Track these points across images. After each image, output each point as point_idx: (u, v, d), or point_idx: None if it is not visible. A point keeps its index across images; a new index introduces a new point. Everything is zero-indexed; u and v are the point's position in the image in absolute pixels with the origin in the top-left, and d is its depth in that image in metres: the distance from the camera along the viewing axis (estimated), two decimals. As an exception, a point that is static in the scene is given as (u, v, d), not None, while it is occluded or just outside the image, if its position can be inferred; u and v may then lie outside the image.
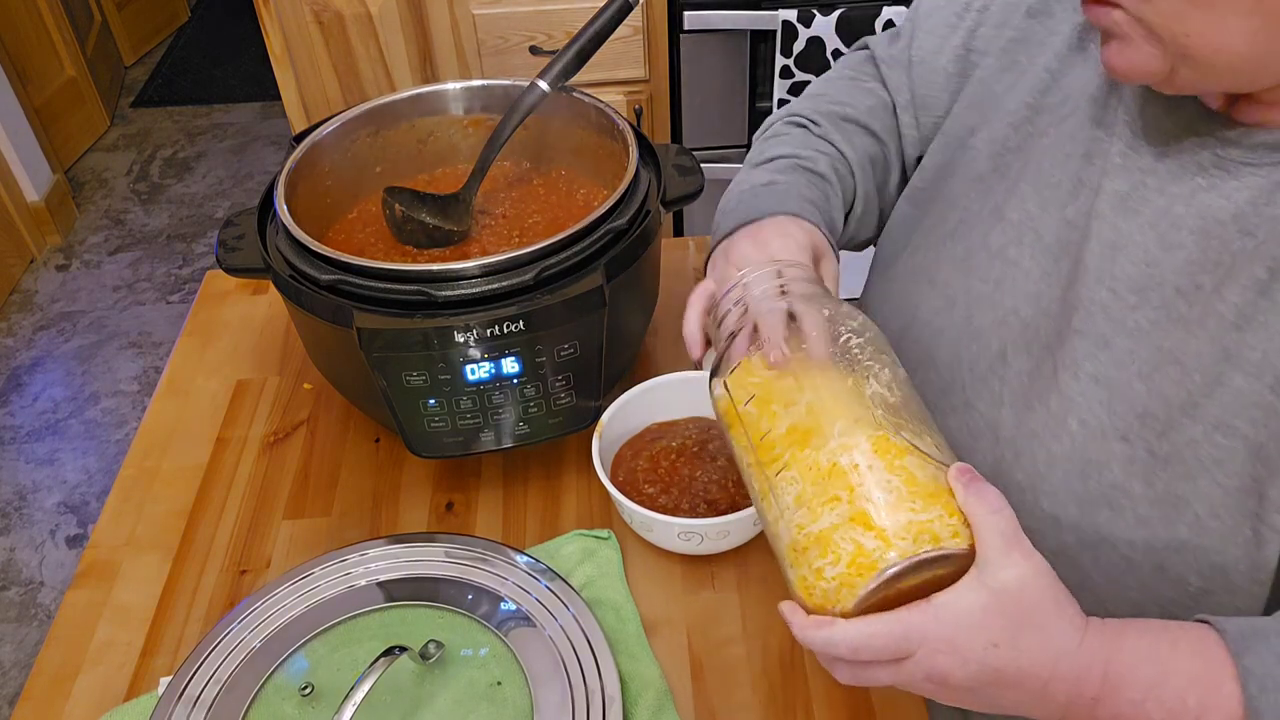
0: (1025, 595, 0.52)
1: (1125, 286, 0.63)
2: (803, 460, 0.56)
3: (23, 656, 1.86)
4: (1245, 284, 0.58)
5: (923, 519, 0.53)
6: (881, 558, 0.52)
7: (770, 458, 0.58)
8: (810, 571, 0.55)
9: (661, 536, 0.82)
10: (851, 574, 0.53)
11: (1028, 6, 0.73)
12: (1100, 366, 0.64)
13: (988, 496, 0.53)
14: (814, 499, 0.55)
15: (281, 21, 1.80)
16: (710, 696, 0.76)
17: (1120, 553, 0.63)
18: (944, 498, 0.54)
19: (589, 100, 0.99)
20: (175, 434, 1.00)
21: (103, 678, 0.80)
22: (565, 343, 0.82)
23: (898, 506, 0.53)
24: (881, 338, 0.62)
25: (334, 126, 0.99)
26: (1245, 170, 0.59)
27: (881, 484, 0.54)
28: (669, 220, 2.10)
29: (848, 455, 0.55)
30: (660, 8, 1.81)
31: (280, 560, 0.88)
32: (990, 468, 0.69)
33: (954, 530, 0.53)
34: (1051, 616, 0.53)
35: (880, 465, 0.54)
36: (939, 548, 0.53)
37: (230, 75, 3.55)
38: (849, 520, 0.54)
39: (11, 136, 2.65)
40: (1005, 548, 0.52)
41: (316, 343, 0.91)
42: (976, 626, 0.52)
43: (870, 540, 0.53)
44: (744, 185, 0.78)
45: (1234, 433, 0.58)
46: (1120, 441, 0.62)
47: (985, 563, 0.52)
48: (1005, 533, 0.52)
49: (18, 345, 2.52)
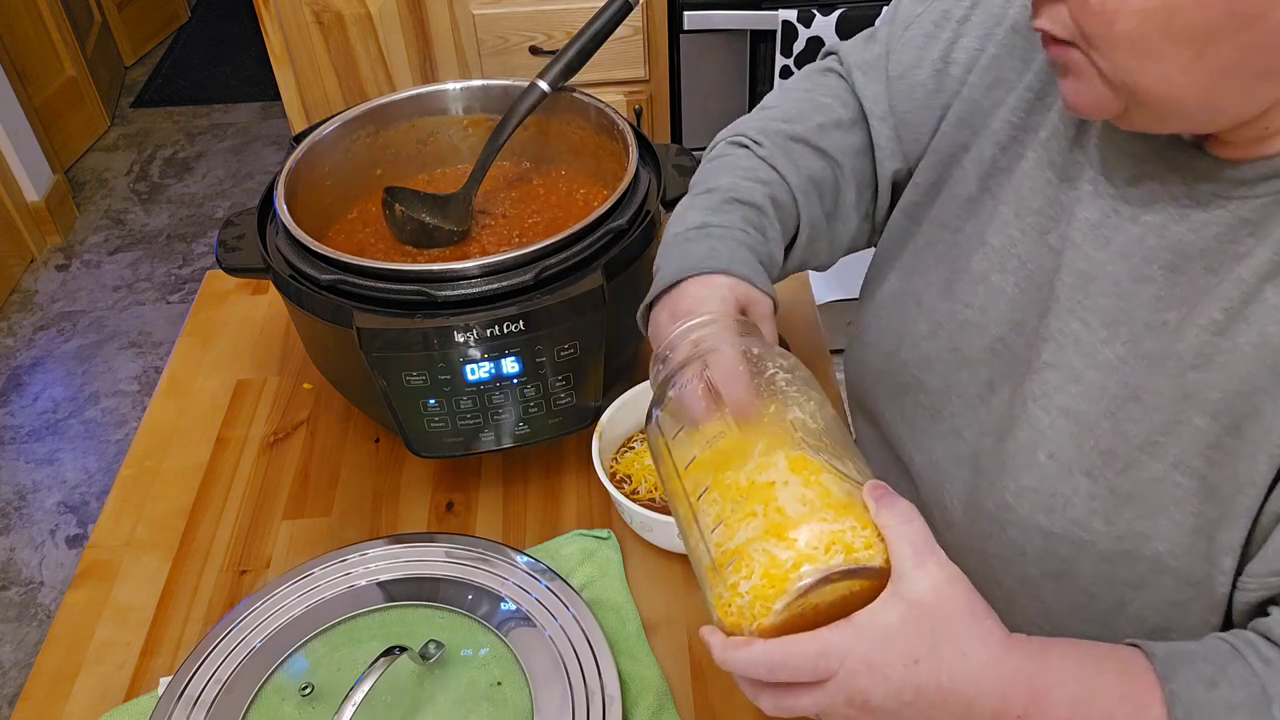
0: (941, 605, 0.51)
1: (1097, 319, 0.62)
2: (723, 481, 0.56)
3: (23, 656, 1.86)
4: (1203, 324, 0.57)
5: (835, 528, 0.52)
6: (795, 568, 0.51)
7: (694, 484, 0.58)
8: (726, 589, 0.54)
9: (661, 536, 0.82)
10: (765, 587, 0.52)
11: (1011, 21, 0.71)
12: (1070, 400, 0.63)
13: (899, 508, 0.52)
14: (731, 516, 0.55)
15: (281, 21, 1.80)
16: (710, 696, 0.76)
17: (1081, 587, 0.63)
18: (858, 510, 0.53)
19: (589, 100, 0.99)
20: (175, 434, 1.00)
21: (103, 678, 0.80)
22: (565, 343, 0.82)
23: (810, 518, 0.52)
24: (811, 378, 0.62)
25: (334, 126, 0.99)
26: (1215, 203, 0.58)
27: (796, 498, 0.53)
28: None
29: (765, 473, 0.55)
30: (660, 8, 1.81)
31: (280, 560, 0.88)
32: (965, 495, 0.69)
33: (867, 542, 0.52)
34: (969, 627, 0.52)
35: (796, 481, 0.54)
36: (852, 559, 0.52)
37: (230, 75, 3.55)
38: (763, 534, 0.53)
39: (11, 136, 2.65)
40: (917, 557, 0.51)
41: (316, 343, 0.91)
42: (895, 640, 0.51)
43: (783, 551, 0.52)
44: (678, 228, 0.76)
45: (1192, 473, 0.58)
46: (1084, 477, 0.62)
47: (900, 575, 0.52)
48: (916, 543, 0.52)
49: (18, 345, 2.52)
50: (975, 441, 0.69)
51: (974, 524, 0.68)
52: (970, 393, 0.70)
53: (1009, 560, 0.65)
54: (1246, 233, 0.57)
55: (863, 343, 0.81)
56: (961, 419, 0.70)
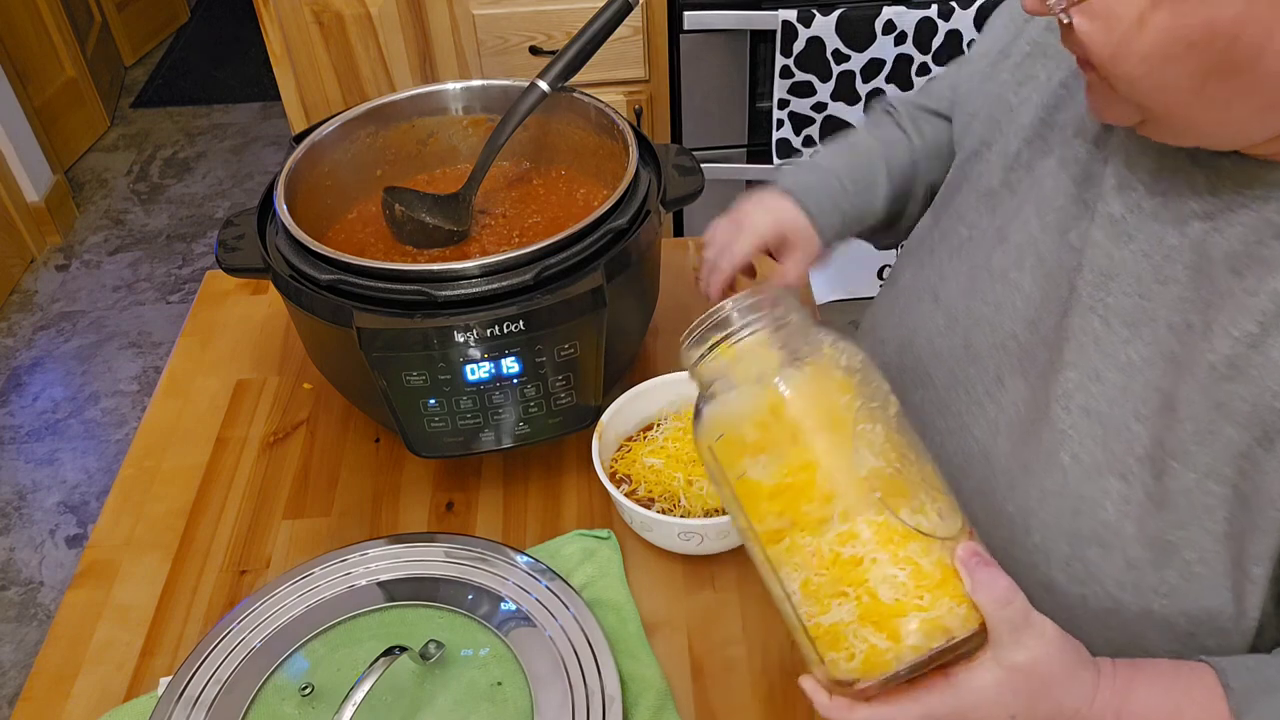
0: (1038, 671, 0.54)
1: (1118, 319, 0.62)
2: (802, 545, 0.56)
3: (23, 656, 1.86)
4: (1237, 336, 0.57)
5: (933, 615, 0.53)
6: (896, 658, 0.53)
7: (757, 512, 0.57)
8: (825, 659, 0.56)
9: (661, 536, 0.82)
10: (867, 668, 0.54)
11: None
12: (1091, 400, 0.62)
13: (996, 589, 0.53)
14: (819, 591, 0.55)
15: (281, 22, 1.80)
16: (710, 697, 0.76)
17: (1108, 591, 0.63)
18: (951, 585, 0.54)
19: (589, 100, 0.99)
20: (175, 434, 1.00)
21: (103, 678, 0.80)
22: (565, 343, 0.82)
23: (907, 607, 0.53)
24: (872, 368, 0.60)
25: (334, 126, 0.99)
26: (1241, 203, 0.58)
27: (888, 580, 0.53)
28: (669, 220, 2.10)
29: (850, 546, 0.54)
30: (660, 8, 1.81)
31: (280, 560, 0.88)
32: (982, 496, 0.69)
33: (964, 619, 0.54)
34: (1065, 685, 0.55)
35: (885, 559, 0.54)
36: (950, 639, 0.53)
37: (230, 75, 3.55)
38: (859, 619, 0.54)
39: (11, 136, 2.65)
40: (1015, 635, 0.53)
41: (316, 343, 0.91)
42: (993, 702, 0.54)
43: (883, 641, 0.53)
44: None
45: (1225, 481, 0.58)
46: (1118, 480, 0.61)
47: (998, 644, 0.54)
48: (1015, 623, 0.53)
49: (18, 345, 2.51)
50: (985, 440, 0.69)
51: (995, 527, 0.68)
52: (978, 389, 0.70)
53: (1032, 565, 0.65)
54: (1273, 234, 0.56)
55: (876, 337, 0.81)
56: (969, 416, 0.70)
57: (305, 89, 1.89)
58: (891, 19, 1.69)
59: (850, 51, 1.73)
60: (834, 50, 1.73)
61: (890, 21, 1.70)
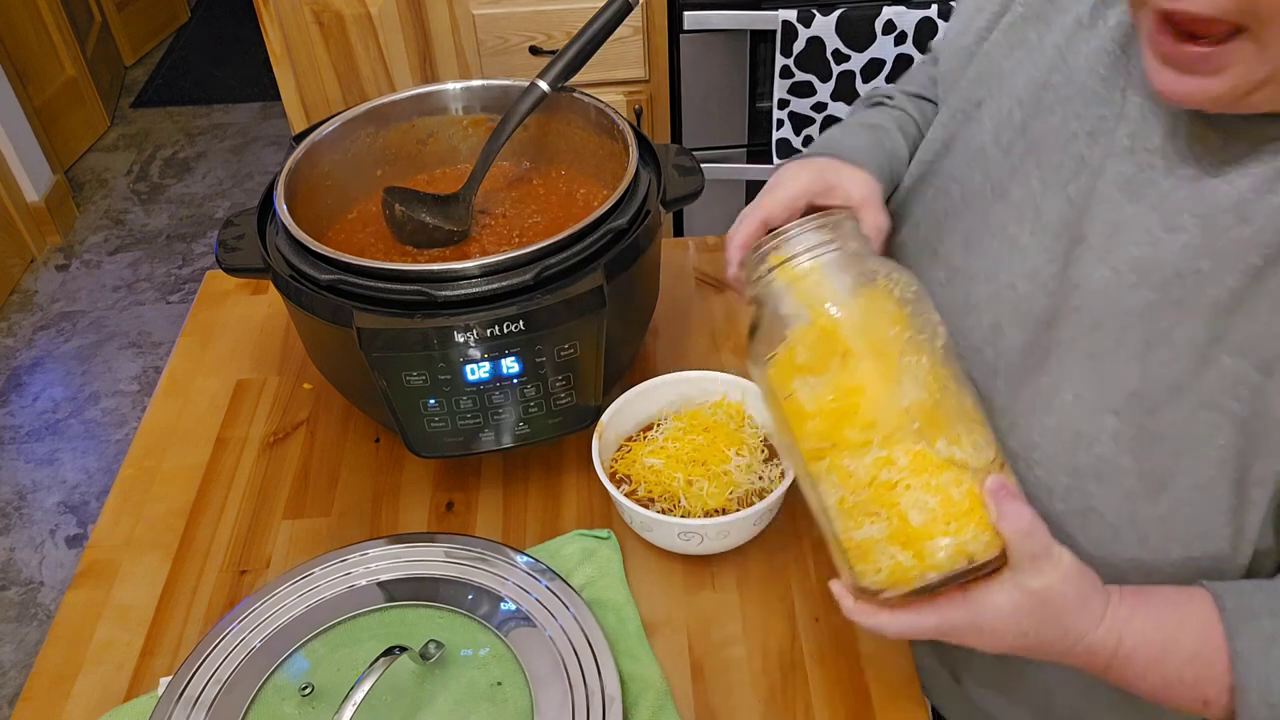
0: (1052, 599, 0.58)
1: (1126, 266, 0.64)
2: (842, 466, 0.59)
3: (23, 656, 1.86)
4: (1241, 269, 0.59)
5: (959, 540, 0.57)
6: (920, 576, 0.57)
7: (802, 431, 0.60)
8: (853, 570, 0.61)
9: (661, 536, 0.82)
10: (892, 581, 0.59)
11: None
12: (1095, 343, 0.65)
13: (1020, 520, 0.57)
14: (854, 509, 0.59)
15: (281, 21, 1.80)
16: (710, 696, 0.76)
17: (1107, 522, 0.65)
18: (978, 513, 0.57)
19: (589, 100, 0.99)
20: (175, 434, 1.00)
21: (103, 678, 0.80)
22: (565, 343, 0.82)
23: (933, 529, 0.57)
24: (925, 299, 0.63)
25: (334, 126, 0.99)
26: (1251, 154, 0.59)
27: (918, 504, 0.57)
28: (669, 220, 2.10)
29: (886, 471, 0.58)
30: (660, 8, 1.81)
31: (280, 560, 0.88)
32: None
33: (988, 544, 0.57)
34: (1075, 613, 0.59)
35: (917, 485, 0.57)
36: (971, 562, 0.57)
37: (230, 75, 3.55)
38: (887, 538, 0.58)
39: (11, 136, 2.65)
40: (1034, 563, 0.58)
41: (316, 343, 0.91)
42: (1008, 619, 0.59)
43: (909, 559, 0.57)
44: None
45: (1222, 410, 0.60)
46: (1112, 415, 0.64)
47: (1017, 569, 0.58)
48: (1035, 552, 0.58)
49: (18, 345, 2.52)
50: (983, 383, 0.71)
51: None
52: (975, 336, 0.72)
53: (1036, 498, 0.67)
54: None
55: None
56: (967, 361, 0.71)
57: (305, 89, 1.89)
58: (891, 19, 1.69)
59: (850, 51, 1.73)
60: (834, 50, 1.73)
61: (890, 21, 1.70)
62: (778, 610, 0.82)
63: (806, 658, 0.78)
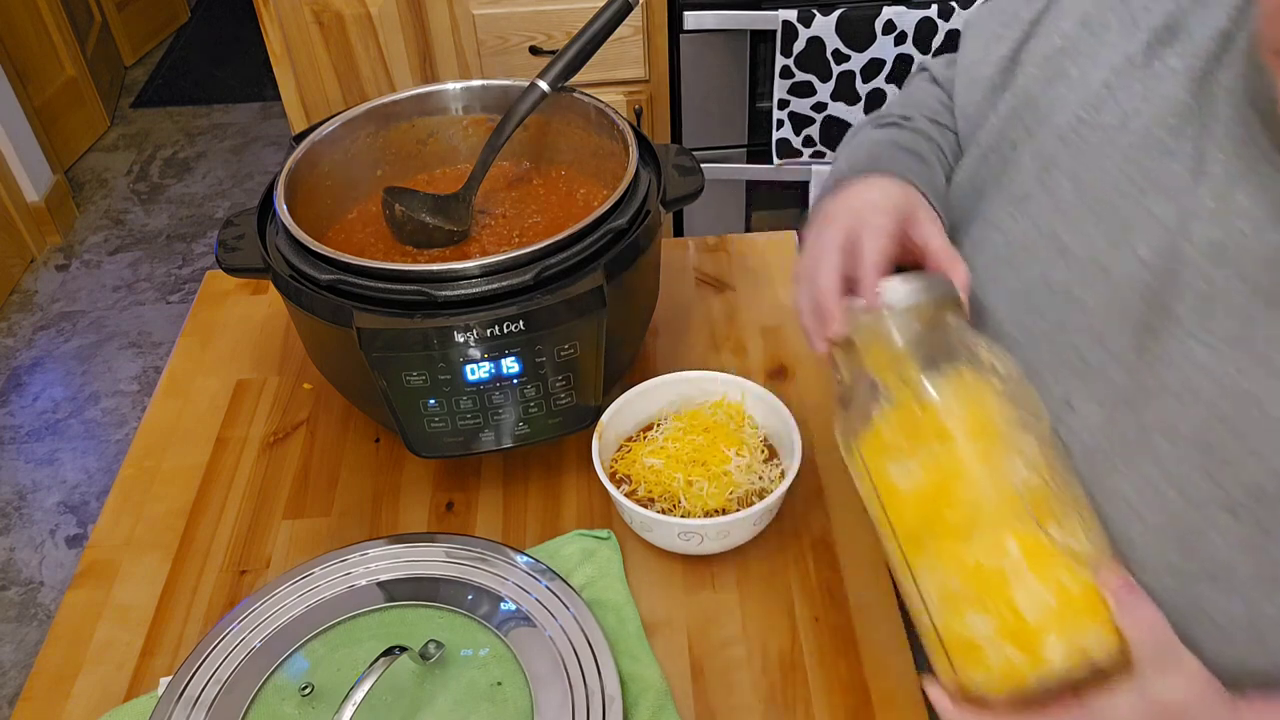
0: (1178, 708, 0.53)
1: (1221, 340, 0.56)
2: (944, 549, 0.55)
3: (23, 656, 1.86)
4: None
5: (1075, 638, 0.52)
6: (1034, 674, 0.52)
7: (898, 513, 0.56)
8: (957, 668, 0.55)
9: (661, 536, 0.82)
10: (1001, 680, 0.53)
11: (1081, 16, 0.67)
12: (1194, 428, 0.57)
13: (1144, 618, 0.52)
14: (960, 600, 0.54)
15: (281, 21, 1.80)
16: (710, 697, 0.76)
17: (1217, 624, 0.59)
18: (1096, 610, 0.53)
19: (589, 100, 0.99)
20: (175, 434, 1.00)
21: (103, 678, 0.80)
22: (565, 343, 0.82)
23: (1050, 627, 0.52)
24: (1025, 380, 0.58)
25: (334, 126, 0.99)
26: None
27: (1033, 599, 0.52)
28: (669, 220, 2.10)
29: (994, 558, 0.53)
30: (660, 8, 1.81)
31: (280, 560, 0.88)
32: None
33: (1105, 643, 0.53)
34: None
35: (1032, 577, 0.53)
36: (1090, 662, 0.53)
37: (230, 75, 3.55)
38: (997, 633, 0.53)
39: (11, 136, 2.65)
40: (1160, 665, 0.52)
41: (316, 343, 0.91)
42: None
43: (1019, 657, 0.53)
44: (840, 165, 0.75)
45: None
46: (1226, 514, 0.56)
47: (1141, 675, 0.52)
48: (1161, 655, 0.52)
49: (18, 345, 2.52)
50: None
51: None
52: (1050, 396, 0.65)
53: None
54: None
55: None
56: None
57: (305, 89, 1.89)
58: (891, 19, 1.69)
59: (850, 51, 1.73)
60: (834, 50, 1.73)
61: (890, 21, 1.70)
62: (778, 610, 0.82)
63: (806, 658, 0.78)
